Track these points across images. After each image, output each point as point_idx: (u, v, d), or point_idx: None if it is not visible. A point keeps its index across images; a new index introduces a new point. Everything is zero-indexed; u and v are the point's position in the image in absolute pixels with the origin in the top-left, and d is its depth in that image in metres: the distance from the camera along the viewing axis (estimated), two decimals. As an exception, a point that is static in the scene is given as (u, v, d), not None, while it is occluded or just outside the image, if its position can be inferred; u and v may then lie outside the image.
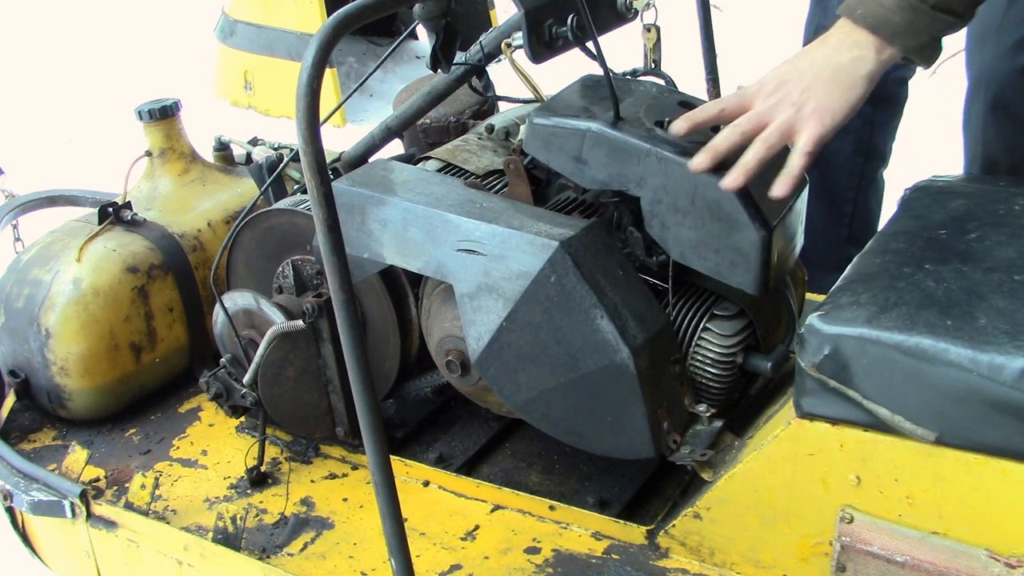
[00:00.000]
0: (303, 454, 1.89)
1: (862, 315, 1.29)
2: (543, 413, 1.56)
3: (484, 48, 1.75)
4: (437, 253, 1.56)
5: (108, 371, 2.00)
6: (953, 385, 1.21)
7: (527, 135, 1.60)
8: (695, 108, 1.49)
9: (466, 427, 1.89)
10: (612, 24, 1.72)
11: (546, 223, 1.52)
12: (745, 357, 1.58)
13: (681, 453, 1.52)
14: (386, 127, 1.91)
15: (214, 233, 2.18)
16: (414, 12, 1.61)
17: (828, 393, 1.31)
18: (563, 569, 1.55)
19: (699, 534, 1.50)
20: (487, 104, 2.13)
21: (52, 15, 7.96)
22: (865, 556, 1.35)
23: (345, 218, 1.60)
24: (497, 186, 1.74)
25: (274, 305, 1.78)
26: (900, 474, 1.29)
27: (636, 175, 1.51)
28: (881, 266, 1.40)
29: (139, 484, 1.85)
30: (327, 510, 1.75)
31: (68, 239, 2.06)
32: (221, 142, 2.35)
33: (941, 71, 5.18)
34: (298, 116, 1.15)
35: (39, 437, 2.04)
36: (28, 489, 1.83)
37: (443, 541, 1.64)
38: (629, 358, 1.45)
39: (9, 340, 2.03)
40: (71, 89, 6.34)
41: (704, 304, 1.58)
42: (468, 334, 1.56)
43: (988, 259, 1.35)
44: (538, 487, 1.72)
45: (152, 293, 2.05)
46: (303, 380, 1.78)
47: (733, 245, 1.47)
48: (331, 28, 1.14)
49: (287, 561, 1.64)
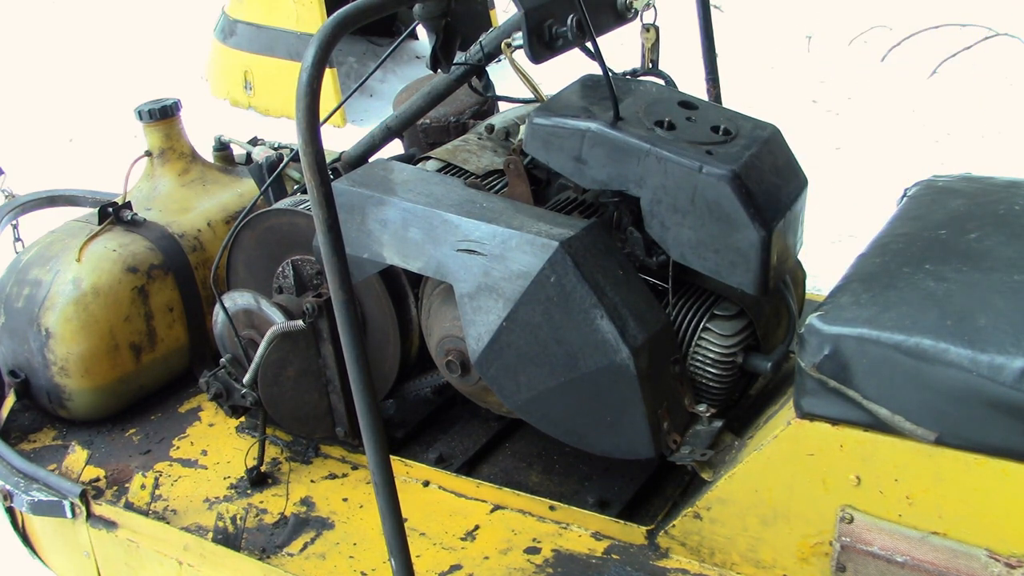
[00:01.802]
0: (303, 454, 1.89)
1: (862, 315, 1.29)
2: (543, 413, 1.56)
3: (484, 48, 1.75)
4: (437, 253, 1.56)
5: (108, 371, 2.00)
6: (953, 385, 1.21)
7: (527, 135, 1.60)
8: (696, 108, 1.49)
9: (466, 427, 1.89)
10: (612, 24, 1.72)
11: (546, 223, 1.52)
12: (745, 357, 1.58)
13: (681, 453, 1.52)
14: (386, 127, 1.91)
15: (214, 233, 2.18)
16: (414, 12, 1.61)
17: (828, 393, 1.31)
18: (563, 569, 1.55)
19: (699, 534, 1.50)
20: (487, 104, 2.13)
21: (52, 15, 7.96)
22: (865, 556, 1.35)
23: (345, 218, 1.60)
24: (497, 186, 1.74)
25: (274, 305, 1.78)
26: (900, 474, 1.29)
27: (636, 175, 1.51)
28: (881, 266, 1.40)
29: (139, 484, 1.85)
30: (327, 510, 1.75)
31: (68, 239, 2.06)
32: (221, 142, 2.35)
33: (941, 71, 5.19)
34: (298, 116, 1.15)
35: (39, 437, 2.04)
36: (28, 489, 1.83)
37: (443, 541, 1.64)
38: (629, 358, 1.45)
39: (9, 340, 2.03)
40: (71, 89, 6.34)
41: (704, 304, 1.58)
42: (468, 334, 1.56)
43: (988, 259, 1.35)
44: (538, 487, 1.72)
45: (152, 293, 2.05)
46: (303, 380, 1.78)
47: (733, 245, 1.47)
48: (331, 28, 1.14)
49: (287, 561, 1.64)
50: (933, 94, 5.01)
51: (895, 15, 5.77)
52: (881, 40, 5.62)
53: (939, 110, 4.80)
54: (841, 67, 5.47)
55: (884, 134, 4.58)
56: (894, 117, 4.78)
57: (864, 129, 4.66)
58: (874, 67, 5.44)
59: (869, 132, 4.62)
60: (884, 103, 4.96)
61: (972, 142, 4.44)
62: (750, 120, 1.63)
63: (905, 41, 5.46)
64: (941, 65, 5.21)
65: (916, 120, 4.74)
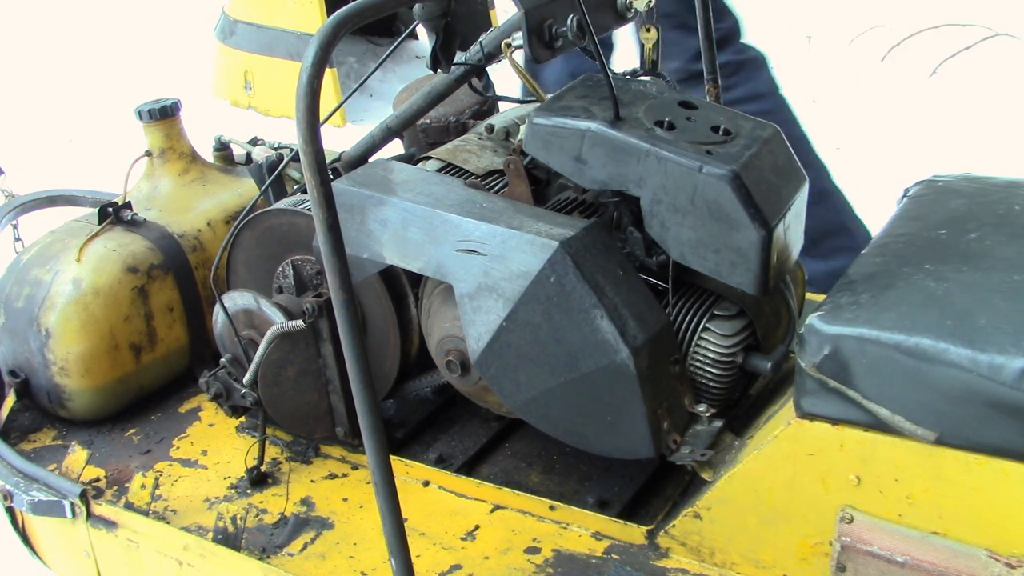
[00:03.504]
0: (303, 454, 1.89)
1: (862, 315, 1.29)
2: (543, 413, 1.56)
3: (484, 48, 1.75)
4: (437, 253, 1.56)
5: (108, 371, 2.00)
6: (953, 385, 1.21)
7: (527, 135, 1.59)
8: (696, 108, 1.49)
9: (466, 427, 1.89)
10: (612, 24, 1.72)
11: (546, 223, 1.52)
12: (745, 357, 1.58)
13: (681, 453, 1.52)
14: (386, 127, 1.91)
15: (214, 233, 2.18)
16: (414, 12, 1.61)
17: (828, 393, 1.31)
18: (563, 569, 1.55)
19: (699, 534, 1.50)
20: (487, 104, 2.12)
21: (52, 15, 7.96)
22: (865, 556, 1.35)
23: (345, 218, 1.59)
24: (497, 186, 1.74)
25: (274, 305, 1.78)
26: (900, 474, 1.29)
27: (636, 175, 1.51)
28: (881, 266, 1.40)
29: (139, 484, 1.85)
30: (327, 510, 1.75)
31: (68, 239, 2.05)
32: (221, 142, 2.35)
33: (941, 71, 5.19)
34: (298, 116, 1.15)
35: (39, 437, 2.04)
36: (28, 489, 1.83)
37: (443, 541, 1.64)
38: (629, 358, 1.45)
39: (9, 340, 2.03)
40: (71, 89, 6.34)
41: (704, 304, 1.58)
42: (468, 334, 1.56)
43: (988, 259, 1.35)
44: (538, 487, 1.72)
45: (152, 293, 2.05)
46: (303, 380, 1.78)
47: (733, 245, 1.47)
48: (331, 28, 1.14)
49: (287, 561, 1.64)
50: (933, 94, 5.01)
51: (895, 15, 5.77)
52: (881, 40, 5.61)
53: (939, 110, 4.80)
54: (841, 67, 5.47)
55: (884, 134, 4.58)
56: (894, 117, 4.78)
57: (864, 129, 4.66)
58: (874, 67, 5.44)
59: (869, 132, 4.62)
60: (884, 103, 4.96)
61: (972, 142, 4.44)
62: (750, 120, 1.63)
63: (905, 41, 5.45)
64: (941, 65, 5.21)
65: (916, 120, 4.74)
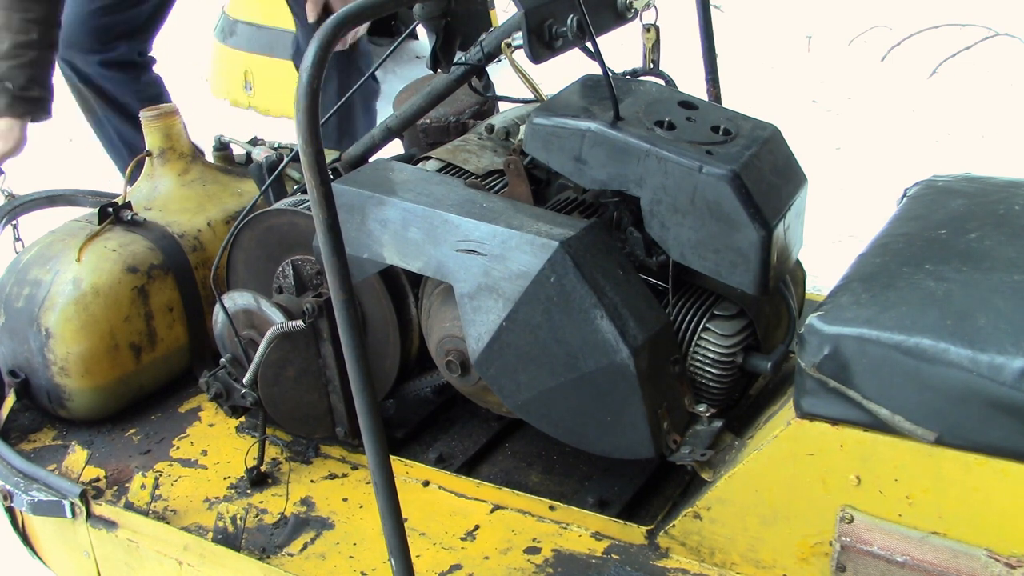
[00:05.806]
0: (303, 454, 1.89)
1: (862, 315, 1.29)
2: (543, 413, 1.56)
3: (484, 48, 1.75)
4: (437, 253, 1.56)
5: (108, 371, 2.00)
6: (953, 385, 1.21)
7: (527, 135, 1.60)
8: (696, 108, 1.49)
9: (466, 427, 1.89)
10: (612, 24, 1.72)
11: (546, 223, 1.52)
12: (745, 357, 1.58)
13: (681, 453, 1.52)
14: (386, 127, 1.91)
15: (214, 233, 2.18)
16: (414, 12, 1.61)
17: (828, 393, 1.31)
18: (563, 569, 1.55)
19: (699, 534, 1.50)
20: (487, 104, 2.13)
21: (52, 15, 7.94)
22: (865, 556, 1.35)
23: (345, 218, 1.59)
24: (497, 186, 1.74)
25: (274, 305, 1.78)
26: (900, 474, 1.29)
27: (636, 175, 1.51)
28: (881, 266, 1.40)
29: (139, 484, 1.85)
30: (327, 510, 1.75)
31: (68, 239, 2.05)
32: (221, 142, 2.35)
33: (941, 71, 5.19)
34: (298, 116, 1.15)
35: (39, 437, 2.04)
36: (28, 489, 1.83)
37: (443, 541, 1.64)
38: (629, 358, 1.45)
39: (9, 340, 2.03)
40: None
41: (704, 304, 1.58)
42: (468, 334, 1.56)
43: (988, 259, 1.35)
44: (538, 487, 1.72)
45: (152, 293, 2.05)
46: (303, 380, 1.78)
47: (733, 245, 1.47)
48: (331, 28, 1.14)
49: (287, 561, 1.64)
50: (933, 94, 5.01)
51: (895, 15, 5.77)
52: (881, 40, 5.61)
53: (939, 110, 4.80)
54: (841, 67, 5.47)
55: (884, 134, 4.58)
56: (894, 117, 4.77)
57: (864, 129, 4.65)
58: (874, 67, 5.44)
59: (869, 132, 4.62)
60: (884, 103, 4.96)
61: (972, 142, 4.44)
62: (750, 120, 1.63)
63: (905, 41, 5.45)
64: (941, 65, 5.20)
65: (916, 120, 4.74)
